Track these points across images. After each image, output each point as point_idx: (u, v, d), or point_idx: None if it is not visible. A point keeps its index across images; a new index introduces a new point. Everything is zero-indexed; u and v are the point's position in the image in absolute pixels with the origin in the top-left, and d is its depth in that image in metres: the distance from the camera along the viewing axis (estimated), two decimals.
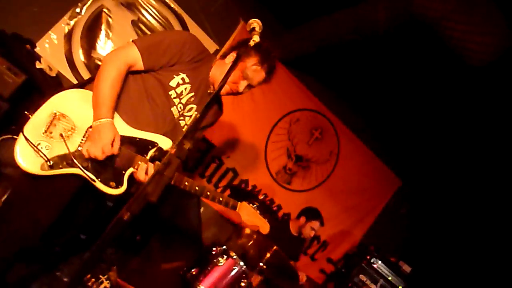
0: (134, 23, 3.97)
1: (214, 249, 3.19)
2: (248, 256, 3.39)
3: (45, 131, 1.79)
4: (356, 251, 5.27)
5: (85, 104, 1.88)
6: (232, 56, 2.07)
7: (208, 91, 2.14)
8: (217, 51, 4.27)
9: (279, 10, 4.29)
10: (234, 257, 3.11)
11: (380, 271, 4.76)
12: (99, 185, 1.88)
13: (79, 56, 3.84)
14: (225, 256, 3.11)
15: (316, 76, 4.80)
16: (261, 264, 3.12)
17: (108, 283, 3.07)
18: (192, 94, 2.07)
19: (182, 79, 2.01)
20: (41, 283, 2.82)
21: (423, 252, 5.44)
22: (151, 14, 4.02)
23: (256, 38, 1.64)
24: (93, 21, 3.86)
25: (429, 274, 5.25)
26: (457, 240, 5.37)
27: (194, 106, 2.12)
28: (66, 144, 1.81)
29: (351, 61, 4.13)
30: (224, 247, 3.17)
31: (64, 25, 3.76)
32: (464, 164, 4.86)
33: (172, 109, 2.04)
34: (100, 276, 3.06)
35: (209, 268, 3.08)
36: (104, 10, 3.87)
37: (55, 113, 1.82)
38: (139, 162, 1.91)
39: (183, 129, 2.14)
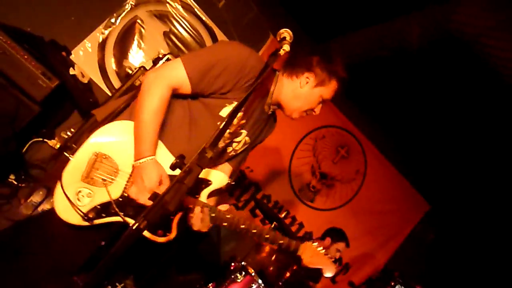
0: (166, 34, 4.04)
1: (232, 264, 3.12)
2: (267, 274, 3.30)
3: (86, 176, 1.61)
4: (379, 276, 5.06)
5: (128, 139, 1.65)
6: (306, 79, 1.80)
7: (267, 111, 1.91)
8: None
9: (309, 24, 4.27)
10: (253, 274, 3.03)
11: None
12: (146, 235, 1.65)
13: (111, 64, 3.92)
14: (244, 273, 3.03)
15: (345, 93, 4.71)
16: (280, 283, 3.03)
17: None
18: (244, 121, 1.83)
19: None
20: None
21: (449, 282, 5.16)
22: (182, 26, 4.08)
23: (286, 48, 1.50)
24: (127, 31, 3.95)
25: None
26: (486, 272, 5.07)
27: (244, 132, 1.88)
28: (108, 192, 1.62)
29: (381, 79, 4.03)
30: (243, 263, 3.10)
31: (99, 34, 3.87)
32: (496, 192, 4.62)
33: (219, 143, 1.80)
34: (117, 284, 3.04)
35: (226, 284, 3.01)
36: (138, 21, 3.95)
37: (96, 155, 1.62)
38: (190, 205, 1.69)
39: (225, 158, 1.96)
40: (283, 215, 4.44)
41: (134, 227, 1.08)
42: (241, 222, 1.74)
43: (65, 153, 1.63)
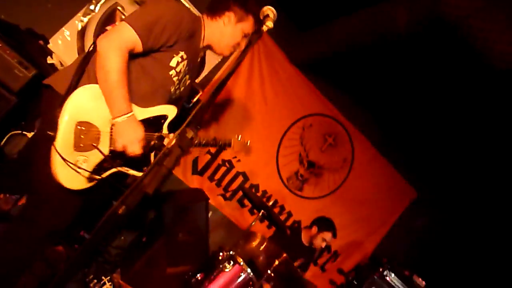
0: None
1: (220, 254, 3.08)
2: (256, 263, 3.26)
3: (77, 146, 1.76)
4: (368, 262, 5.10)
5: (99, 101, 1.79)
6: (228, 18, 2.07)
7: (201, 54, 2.22)
8: None
9: (294, 12, 4.19)
10: (241, 263, 2.99)
11: (393, 284, 4.56)
12: (137, 174, 1.90)
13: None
14: (232, 262, 2.99)
15: (332, 80, 4.68)
16: (268, 271, 2.99)
17: (110, 285, 2.99)
18: (187, 67, 2.08)
19: (181, 56, 1.98)
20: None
21: (438, 266, 5.22)
22: None
23: (269, 24, 1.63)
24: (107, 18, 3.82)
25: None
26: (474, 255, 5.14)
27: (188, 75, 2.16)
28: (101, 152, 1.80)
29: (368, 66, 4.00)
30: (231, 252, 3.06)
31: (77, 22, 3.74)
32: (484, 177, 4.67)
33: (171, 88, 2.05)
34: (103, 277, 2.97)
35: (214, 274, 2.96)
36: (118, 7, 3.83)
37: (78, 124, 1.75)
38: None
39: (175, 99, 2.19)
40: (271, 203, 4.40)
41: (112, 212, 1.03)
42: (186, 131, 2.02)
43: (48, 132, 1.71)
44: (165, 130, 2.02)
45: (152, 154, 1.95)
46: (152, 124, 1.97)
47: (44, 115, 1.94)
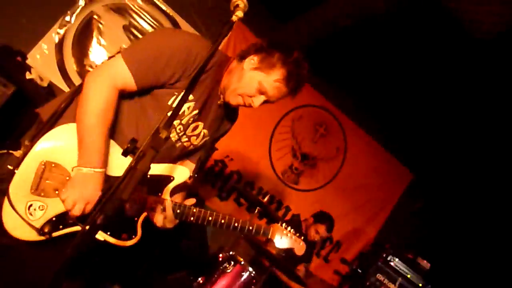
0: (126, 28, 3.87)
1: (220, 255, 3.04)
2: (257, 261, 3.24)
3: (36, 189, 1.47)
4: (371, 249, 5.07)
5: (76, 143, 1.52)
6: (251, 60, 1.63)
7: (219, 102, 1.77)
8: None
9: (272, 3, 4.16)
10: (242, 262, 2.96)
11: (398, 269, 4.55)
12: (109, 239, 1.57)
13: (72, 64, 3.75)
14: (233, 262, 2.96)
15: (317, 70, 4.62)
16: (271, 269, 2.96)
17: None
18: (196, 112, 1.68)
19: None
20: None
21: (441, 246, 5.22)
22: (142, 18, 3.92)
23: (239, 14, 1.36)
24: (84, 28, 3.77)
25: (449, 269, 5.02)
26: (476, 232, 5.14)
27: (201, 124, 1.76)
28: (62, 201, 1.48)
29: (351, 51, 3.97)
30: (231, 252, 3.03)
31: (54, 34, 3.69)
32: (479, 152, 4.66)
33: (170, 133, 1.60)
34: None
35: (216, 275, 2.93)
36: (94, 16, 3.78)
37: (44, 164, 1.47)
38: (153, 205, 1.62)
39: (185, 152, 1.83)
40: (266, 199, 4.36)
41: (89, 224, 0.99)
42: (208, 214, 1.66)
43: (8, 166, 1.45)
44: (165, 195, 1.66)
45: (140, 221, 1.63)
46: (148, 184, 1.63)
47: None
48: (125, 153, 1.00)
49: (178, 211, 1.63)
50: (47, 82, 3.48)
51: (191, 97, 1.62)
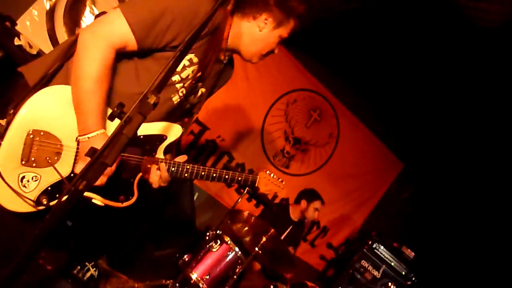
0: None
1: (207, 234, 3.03)
2: (244, 241, 3.23)
3: (26, 160, 1.40)
4: (357, 236, 5.13)
5: (68, 108, 1.42)
6: (265, 21, 1.62)
7: (221, 57, 1.76)
8: None
9: None
10: (228, 242, 2.95)
11: (382, 256, 4.61)
12: (108, 203, 1.57)
13: (63, 33, 3.62)
14: (219, 241, 2.95)
15: (313, 53, 4.58)
16: (256, 249, 2.96)
17: (95, 270, 2.92)
18: (200, 73, 1.66)
19: (190, 60, 1.58)
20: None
21: (426, 237, 5.28)
22: None
23: None
24: None
25: (433, 260, 5.10)
26: (462, 224, 5.21)
27: (201, 84, 1.77)
28: (57, 170, 1.42)
29: (349, 36, 3.90)
30: (218, 231, 3.01)
31: (46, 1, 3.55)
32: (469, 144, 4.67)
33: (173, 97, 1.66)
34: (86, 263, 2.90)
35: (202, 254, 2.92)
36: None
37: (30, 133, 1.38)
38: (148, 165, 1.60)
39: (181, 112, 1.83)
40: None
41: (72, 188, 0.95)
42: (201, 169, 1.71)
43: None
44: (159, 154, 1.65)
45: (136, 182, 1.61)
46: (142, 145, 1.61)
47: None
48: (111, 117, 0.95)
49: (173, 169, 1.64)
50: (37, 50, 3.37)
51: (195, 59, 1.58)
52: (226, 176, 1.75)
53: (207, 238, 3.00)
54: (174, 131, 1.68)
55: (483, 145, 4.41)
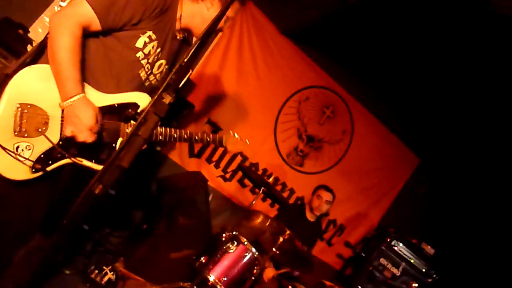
0: None
1: (223, 235, 3.00)
2: (260, 241, 3.20)
3: (19, 131, 1.55)
4: (375, 233, 5.05)
5: (49, 83, 1.60)
6: (211, 2, 1.84)
7: (178, 37, 1.94)
8: None
9: None
10: (245, 243, 2.92)
11: (401, 254, 4.53)
12: (94, 167, 1.73)
13: None
14: (236, 242, 2.92)
15: (324, 49, 4.52)
16: (274, 249, 2.92)
17: (112, 274, 2.92)
18: (159, 49, 1.86)
19: (149, 37, 1.77)
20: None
21: (446, 232, 5.17)
22: None
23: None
24: None
25: (454, 255, 4.99)
26: (482, 217, 5.08)
27: (163, 61, 1.94)
28: (47, 138, 1.59)
29: (360, 29, 3.83)
30: (235, 232, 2.98)
31: (57, 7, 3.58)
32: (486, 137, 4.55)
33: (140, 72, 1.85)
34: (104, 267, 2.91)
35: (218, 255, 2.90)
36: None
37: (18, 106, 1.54)
38: (127, 130, 1.73)
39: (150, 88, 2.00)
40: (271, 180, 4.31)
41: (88, 192, 0.93)
42: (173, 131, 1.90)
43: None
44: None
45: (118, 146, 1.75)
46: (119, 113, 1.76)
47: None
48: (126, 119, 0.93)
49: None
50: None
51: (154, 36, 1.78)
52: (196, 137, 1.99)
53: (223, 239, 2.97)
54: (144, 98, 1.84)
55: (502, 136, 4.29)
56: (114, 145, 1.76)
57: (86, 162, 1.71)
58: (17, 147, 1.55)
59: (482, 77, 3.67)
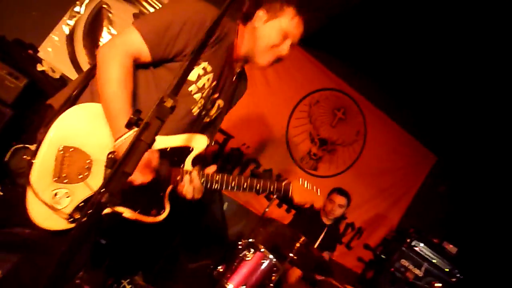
0: (136, 16, 3.80)
1: (240, 243, 2.98)
2: (278, 248, 3.16)
3: (59, 176, 1.44)
4: (394, 235, 4.94)
5: (96, 123, 1.47)
6: (261, 16, 1.64)
7: (237, 70, 1.77)
8: None
9: None
10: (262, 250, 2.89)
11: (423, 254, 4.42)
12: (140, 218, 1.56)
13: (83, 56, 3.72)
14: (252, 250, 2.89)
15: (332, 51, 4.49)
16: (291, 255, 2.88)
17: (130, 287, 2.91)
18: (215, 83, 1.67)
19: (204, 68, 1.59)
20: None
21: (468, 230, 5.03)
22: (152, 5, 3.84)
23: None
24: (94, 18, 3.73)
25: (477, 253, 4.84)
26: (504, 214, 4.93)
27: (217, 95, 1.76)
28: (89, 187, 1.47)
29: (367, 29, 3.79)
30: (251, 239, 2.96)
31: (64, 26, 3.66)
32: (505, 131, 4.44)
33: (193, 110, 1.66)
34: (122, 281, 2.90)
35: (236, 263, 2.87)
36: (104, 6, 3.73)
37: (62, 149, 1.43)
38: (178, 177, 1.59)
39: (201, 127, 1.82)
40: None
41: (95, 202, 0.92)
42: (231, 179, 1.66)
43: (24, 156, 1.44)
44: (188, 166, 1.63)
45: (167, 195, 1.59)
46: (170, 158, 1.60)
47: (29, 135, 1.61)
48: (128, 125, 0.92)
49: (202, 179, 1.62)
50: (59, 74, 3.45)
51: (209, 68, 1.61)
52: (258, 186, 1.68)
53: (240, 247, 2.95)
54: (200, 142, 1.66)
55: None
56: (162, 194, 1.60)
57: (127, 214, 1.54)
58: (55, 194, 1.44)
59: (499, 71, 3.58)
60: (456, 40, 3.44)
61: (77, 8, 3.66)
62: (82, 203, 1.49)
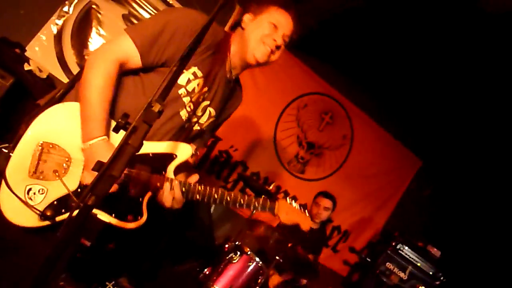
0: (125, 17, 3.80)
1: (226, 245, 2.98)
2: (264, 251, 3.18)
3: (34, 172, 1.39)
4: (380, 238, 5.00)
5: (76, 122, 1.45)
6: (248, 17, 1.68)
7: (228, 75, 1.76)
8: None
9: None
10: (248, 252, 2.90)
11: (408, 257, 4.48)
12: (114, 222, 1.49)
13: (71, 56, 3.69)
14: (239, 252, 2.90)
15: (320, 55, 4.54)
16: (278, 258, 2.90)
17: None
18: (206, 89, 1.67)
19: (194, 73, 1.59)
20: None
21: (452, 234, 5.12)
22: (141, 7, 3.83)
23: None
24: (82, 19, 3.70)
25: (460, 257, 4.93)
26: (487, 218, 5.04)
27: (207, 103, 1.74)
28: (64, 184, 1.41)
29: (355, 34, 3.85)
30: (237, 242, 2.96)
31: (53, 25, 3.62)
32: (489, 136, 4.54)
33: (181, 112, 1.64)
34: (107, 283, 2.88)
35: (222, 266, 2.87)
36: (93, 6, 3.70)
37: (41, 145, 1.40)
38: (158, 184, 1.53)
39: (191, 134, 1.79)
40: (271, 188, 4.30)
41: (82, 205, 0.92)
42: (214, 191, 1.59)
43: (2, 149, 1.39)
44: (169, 173, 1.57)
45: (145, 201, 1.53)
46: (151, 164, 1.55)
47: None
48: (116, 129, 0.93)
49: (184, 189, 1.57)
50: (47, 73, 3.42)
51: (199, 73, 1.60)
52: (242, 201, 1.63)
53: (226, 249, 2.95)
54: (184, 150, 1.62)
55: (504, 136, 4.28)
56: (141, 200, 1.54)
57: (102, 216, 1.48)
58: (29, 190, 1.39)
59: (483, 77, 3.67)
60: (441, 47, 3.51)
61: (66, 8, 3.63)
62: (56, 202, 1.44)
